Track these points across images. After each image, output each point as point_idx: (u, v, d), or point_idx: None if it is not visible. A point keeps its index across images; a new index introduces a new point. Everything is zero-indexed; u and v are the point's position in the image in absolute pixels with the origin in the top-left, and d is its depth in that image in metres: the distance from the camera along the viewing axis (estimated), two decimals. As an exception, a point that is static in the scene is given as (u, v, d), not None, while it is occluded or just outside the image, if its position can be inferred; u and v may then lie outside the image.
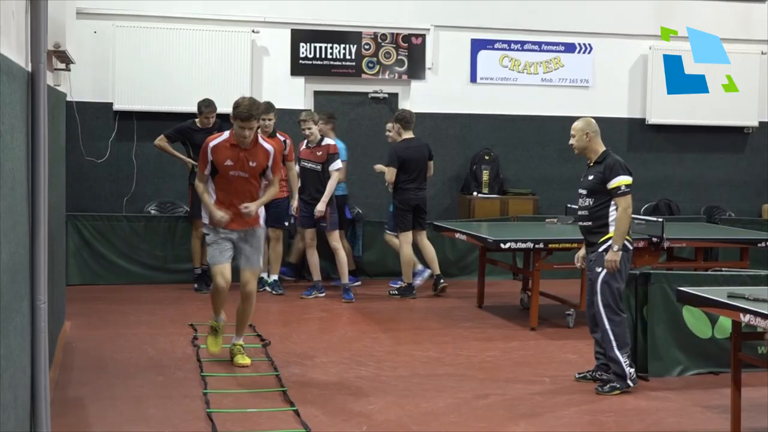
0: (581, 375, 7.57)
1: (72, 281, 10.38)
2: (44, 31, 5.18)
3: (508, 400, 7.02)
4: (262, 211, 7.82)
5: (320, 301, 10.67)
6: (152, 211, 12.12)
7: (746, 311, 5.77)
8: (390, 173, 10.76)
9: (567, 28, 13.41)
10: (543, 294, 9.87)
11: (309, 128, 10.43)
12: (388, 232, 11.26)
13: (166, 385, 7.20)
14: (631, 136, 13.68)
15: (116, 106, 12.11)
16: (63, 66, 7.86)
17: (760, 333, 6.07)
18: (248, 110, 7.30)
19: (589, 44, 13.56)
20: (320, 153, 10.49)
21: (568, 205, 11.96)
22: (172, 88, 12.01)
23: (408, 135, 10.98)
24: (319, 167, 10.49)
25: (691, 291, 6.42)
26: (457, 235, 10.59)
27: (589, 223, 7.40)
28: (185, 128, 10.90)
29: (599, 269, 7.21)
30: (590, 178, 7.40)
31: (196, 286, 10.89)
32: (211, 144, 7.50)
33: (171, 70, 12.05)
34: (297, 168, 10.75)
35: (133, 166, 12.27)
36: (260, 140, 7.70)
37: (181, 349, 8.29)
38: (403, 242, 10.90)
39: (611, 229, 7.21)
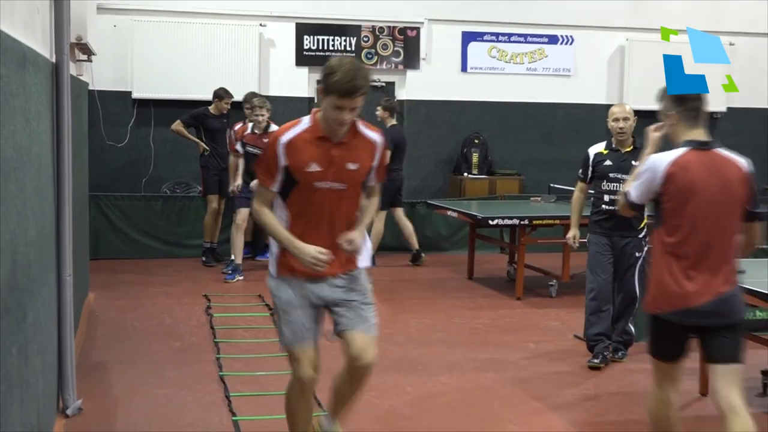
0: (595, 363, 7.01)
1: (95, 256, 10.37)
2: (67, 25, 5.18)
3: (495, 363, 7.05)
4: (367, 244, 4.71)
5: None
6: (168, 191, 12.12)
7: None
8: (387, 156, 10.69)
9: (550, 21, 13.39)
10: (528, 266, 9.88)
11: (262, 115, 9.91)
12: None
13: (182, 351, 7.23)
14: (610, 121, 13.66)
15: (135, 95, 12.11)
16: (85, 57, 7.83)
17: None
18: (352, 79, 4.14)
19: (571, 36, 13.53)
20: (266, 140, 9.27)
21: (551, 185, 11.99)
22: (186, 77, 12.00)
23: (393, 122, 11.00)
24: None
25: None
26: (449, 213, 10.65)
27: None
28: (200, 114, 10.93)
29: (638, 254, 7.00)
30: (634, 163, 6.28)
31: (204, 259, 10.91)
32: (283, 138, 4.31)
33: (185, 61, 12.04)
34: (241, 151, 10.16)
35: (151, 149, 12.27)
36: (361, 128, 4.49)
37: (196, 318, 8.31)
38: (379, 220, 10.90)
39: (646, 215, 6.66)
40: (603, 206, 7.10)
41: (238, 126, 10.42)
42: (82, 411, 5.59)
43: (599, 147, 7.35)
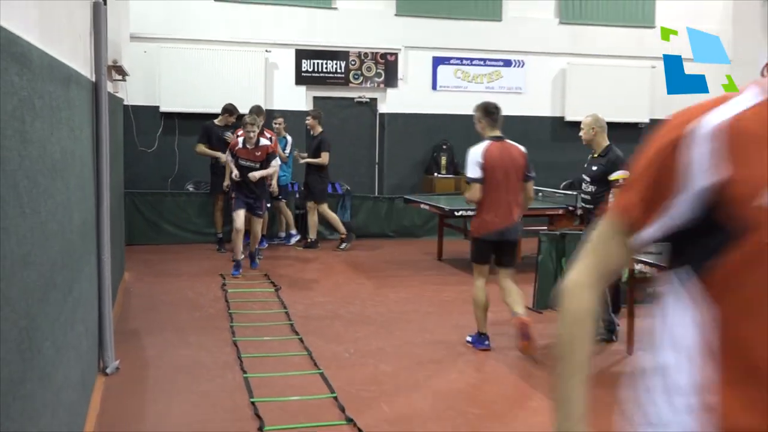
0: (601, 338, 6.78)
1: (129, 242, 10.33)
2: (105, 51, 5.16)
3: (459, 329, 7.07)
4: None
5: (317, 255, 10.66)
6: (190, 188, 12.07)
7: (638, 261, 5.83)
8: (326, 157, 10.72)
9: (505, 48, 13.39)
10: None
11: (254, 131, 8.98)
12: (314, 202, 10.97)
13: (201, 319, 7.22)
14: (553, 130, 13.72)
15: (162, 109, 12.04)
16: (120, 77, 7.81)
17: (648, 278, 6.13)
18: None
19: (522, 60, 13.54)
20: (258, 153, 9.04)
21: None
22: (204, 94, 11.92)
23: (320, 129, 10.91)
24: (257, 165, 9.00)
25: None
26: (422, 206, 10.69)
27: (591, 206, 6.83)
28: (207, 127, 10.82)
29: None
30: (594, 168, 6.78)
31: (217, 247, 10.80)
32: (705, 125, 1.42)
33: (203, 81, 11.95)
34: (231, 162, 9.18)
35: (176, 154, 12.21)
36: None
37: (213, 293, 8.29)
38: (323, 210, 10.97)
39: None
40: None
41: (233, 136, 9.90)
42: (119, 370, 5.59)
43: None
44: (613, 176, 6.53)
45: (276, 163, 9.38)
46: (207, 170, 11.13)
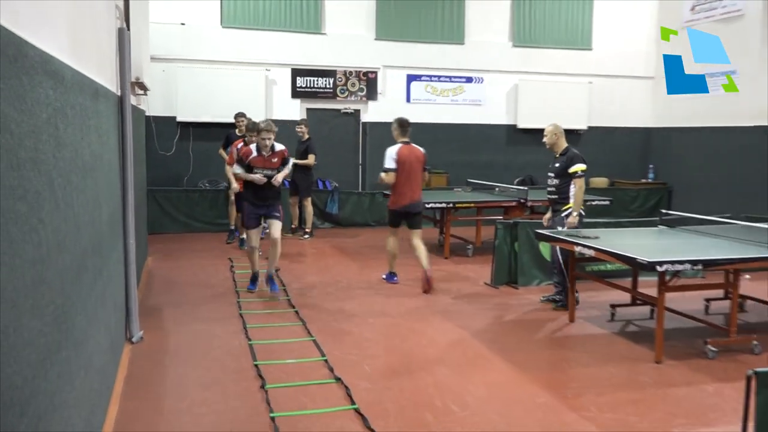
0: (546, 298, 7.13)
1: (151, 231, 10.26)
2: (128, 69, 5.11)
3: (430, 303, 7.10)
4: None
5: (310, 242, 10.64)
6: (203, 186, 12.00)
7: (578, 244, 5.88)
8: (312, 158, 10.69)
9: (467, 67, 13.40)
10: (452, 236, 9.95)
11: (270, 138, 6.92)
12: (302, 196, 10.87)
13: (213, 296, 7.19)
14: (508, 136, 13.72)
15: (178, 119, 11.92)
16: (142, 92, 7.74)
17: (588, 258, 6.17)
18: None
19: (481, 77, 13.55)
20: (275, 159, 7.01)
21: (468, 180, 12.04)
22: (214, 106, 11.84)
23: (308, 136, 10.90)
24: (275, 172, 7.01)
25: (543, 232, 6.52)
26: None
27: (556, 196, 6.86)
28: (228, 134, 10.58)
29: (560, 228, 6.65)
30: (557, 165, 6.84)
31: (228, 237, 10.52)
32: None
33: (214, 95, 11.86)
34: (242, 173, 7.06)
35: (190, 157, 12.12)
36: None
37: (223, 274, 8.25)
38: (307, 203, 10.87)
39: (571, 201, 6.70)
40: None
41: (240, 144, 8.66)
42: (143, 339, 5.56)
43: None
44: (573, 169, 6.71)
45: (290, 164, 7.47)
46: (217, 170, 11.04)
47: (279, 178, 7.00)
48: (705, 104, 12.70)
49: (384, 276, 8.07)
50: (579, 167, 6.69)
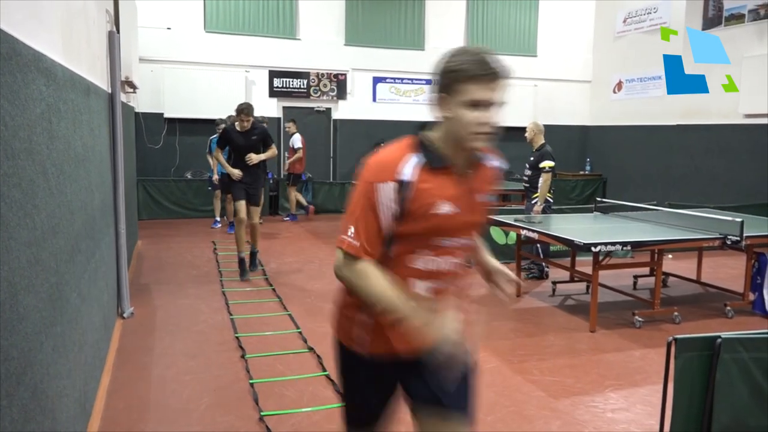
0: (530, 275, 7.19)
1: (141, 217, 10.09)
2: (118, 69, 4.99)
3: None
4: None
5: (286, 226, 10.58)
6: (188, 176, 11.83)
7: (523, 228, 5.95)
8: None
9: (427, 70, 13.36)
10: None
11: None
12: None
13: (198, 276, 7.11)
14: (463, 132, 13.83)
15: (166, 115, 11.73)
16: (131, 90, 7.58)
17: (533, 240, 6.25)
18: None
19: (440, 80, 13.58)
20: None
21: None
22: (198, 104, 11.68)
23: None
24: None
25: (495, 218, 6.58)
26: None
27: (528, 185, 6.99)
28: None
29: (531, 214, 6.78)
30: (531, 159, 6.98)
31: (213, 224, 10.40)
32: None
33: (197, 94, 11.70)
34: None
35: (177, 150, 11.94)
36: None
37: (207, 256, 8.16)
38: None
39: (539, 191, 6.84)
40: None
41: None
42: (133, 315, 5.48)
43: None
44: (542, 164, 6.83)
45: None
46: (201, 162, 10.89)
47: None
48: (635, 105, 12.94)
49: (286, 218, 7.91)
50: (547, 163, 6.79)
